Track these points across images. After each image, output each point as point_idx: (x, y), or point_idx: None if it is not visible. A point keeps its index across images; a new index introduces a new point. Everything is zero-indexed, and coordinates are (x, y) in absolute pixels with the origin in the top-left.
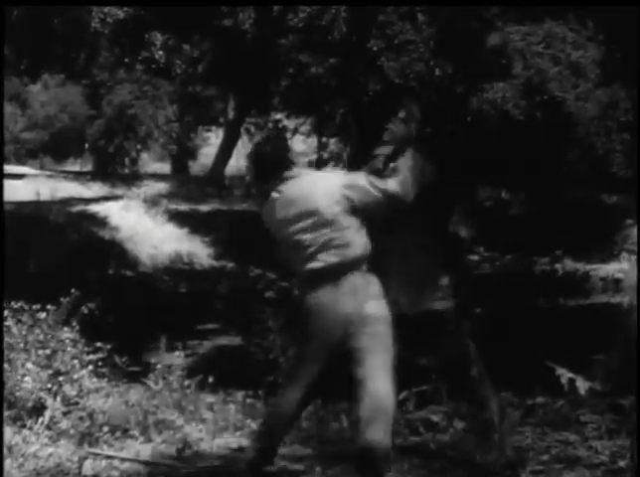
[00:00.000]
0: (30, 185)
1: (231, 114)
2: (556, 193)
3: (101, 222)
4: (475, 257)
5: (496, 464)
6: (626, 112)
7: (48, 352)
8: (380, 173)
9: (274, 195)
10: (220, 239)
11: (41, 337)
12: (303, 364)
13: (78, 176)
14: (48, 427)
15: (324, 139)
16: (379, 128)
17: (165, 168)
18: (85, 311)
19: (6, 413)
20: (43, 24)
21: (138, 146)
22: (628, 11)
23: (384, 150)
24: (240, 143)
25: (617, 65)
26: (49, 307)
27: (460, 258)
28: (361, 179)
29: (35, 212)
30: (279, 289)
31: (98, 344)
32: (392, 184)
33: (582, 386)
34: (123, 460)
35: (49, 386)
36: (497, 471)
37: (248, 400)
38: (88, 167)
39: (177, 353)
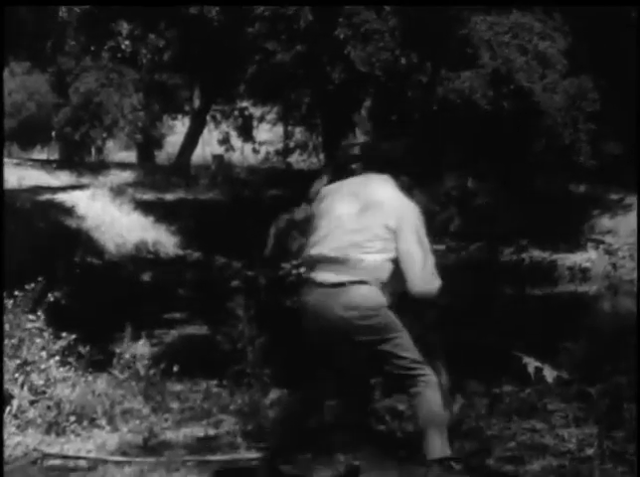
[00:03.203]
0: None
1: (196, 103)
2: (522, 182)
3: (68, 210)
4: (441, 247)
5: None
6: (593, 103)
7: (14, 341)
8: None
9: (342, 184)
10: (185, 228)
11: (7, 326)
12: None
13: (44, 164)
14: (15, 417)
15: (290, 128)
16: (344, 117)
17: (131, 157)
18: (52, 299)
19: None
20: (9, 11)
21: (104, 135)
22: (597, 2)
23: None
24: (205, 131)
25: (585, 55)
26: (16, 293)
27: None
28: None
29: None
30: (245, 278)
31: (64, 333)
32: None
33: (549, 374)
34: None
35: (16, 375)
36: (462, 458)
37: (215, 390)
38: (55, 155)
39: (143, 342)
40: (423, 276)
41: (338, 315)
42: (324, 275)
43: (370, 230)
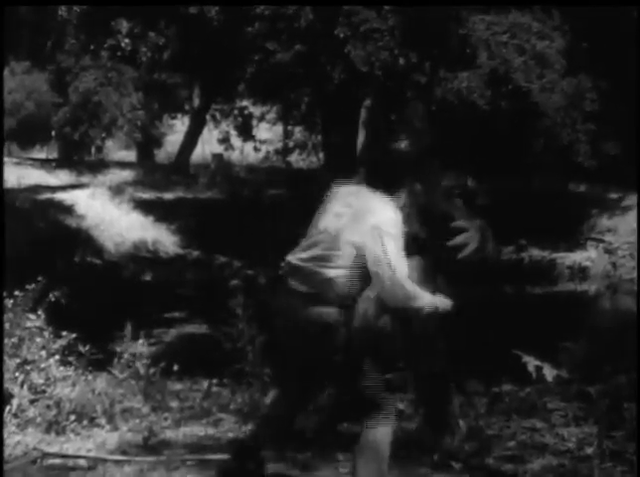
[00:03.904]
0: None
1: (196, 102)
2: (522, 182)
3: (68, 209)
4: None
5: (460, 451)
6: (592, 102)
7: (14, 340)
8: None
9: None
10: (185, 227)
11: (7, 325)
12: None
13: (44, 163)
14: (15, 416)
15: (290, 127)
16: (344, 117)
17: (131, 156)
18: (52, 299)
19: None
20: (9, 11)
21: (103, 134)
22: (595, 2)
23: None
24: (205, 131)
25: (584, 55)
26: (16, 294)
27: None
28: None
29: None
30: (245, 277)
31: (65, 332)
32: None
33: (549, 373)
34: (77, 458)
35: (16, 374)
36: (461, 458)
37: (214, 389)
38: (55, 154)
39: (143, 341)
40: (393, 290)
41: (304, 328)
42: (298, 285)
43: (347, 247)
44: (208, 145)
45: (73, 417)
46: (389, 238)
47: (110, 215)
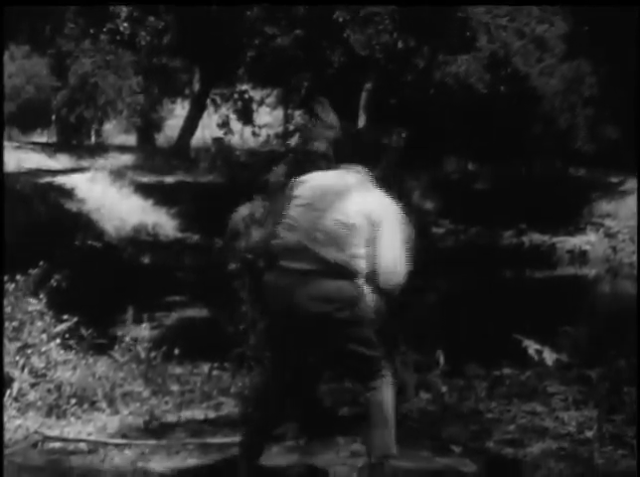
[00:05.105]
0: None
1: (196, 86)
2: (522, 166)
3: (68, 193)
4: (440, 230)
5: (460, 435)
6: (591, 87)
7: (15, 324)
8: None
9: (314, 178)
10: (185, 211)
11: (8, 309)
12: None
13: (44, 147)
14: (15, 399)
15: (290, 111)
16: (344, 100)
17: (131, 140)
18: (54, 283)
19: None
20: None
21: (98, 114)
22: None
23: None
24: (205, 115)
25: (583, 39)
26: (17, 278)
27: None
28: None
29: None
30: (245, 261)
31: (66, 316)
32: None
33: (550, 357)
34: (78, 441)
35: (16, 358)
36: (462, 441)
37: (215, 372)
38: (55, 138)
39: (144, 325)
40: (386, 275)
41: (306, 307)
42: (294, 263)
43: (344, 229)
44: (208, 129)
45: (73, 401)
46: (395, 227)
47: (111, 198)
